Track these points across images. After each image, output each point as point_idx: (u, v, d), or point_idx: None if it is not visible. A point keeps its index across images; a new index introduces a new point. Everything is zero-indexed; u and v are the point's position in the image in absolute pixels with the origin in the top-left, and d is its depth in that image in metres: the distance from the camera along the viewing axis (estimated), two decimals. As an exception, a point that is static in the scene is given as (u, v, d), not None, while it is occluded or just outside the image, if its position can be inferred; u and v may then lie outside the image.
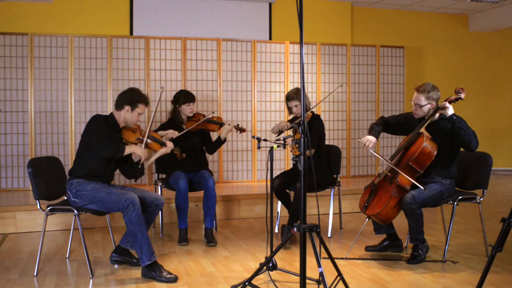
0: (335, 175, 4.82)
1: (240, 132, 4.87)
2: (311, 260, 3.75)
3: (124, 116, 3.78)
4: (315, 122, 4.56)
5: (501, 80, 8.96)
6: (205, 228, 4.50)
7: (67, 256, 4.07)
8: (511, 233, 2.65)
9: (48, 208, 3.68)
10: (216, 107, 6.61)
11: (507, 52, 8.92)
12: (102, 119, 3.73)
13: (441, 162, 3.83)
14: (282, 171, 5.17)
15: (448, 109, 3.71)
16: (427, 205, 3.80)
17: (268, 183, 3.60)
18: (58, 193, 3.85)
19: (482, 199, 4.00)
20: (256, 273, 3.19)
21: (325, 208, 5.55)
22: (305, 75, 6.75)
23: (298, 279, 3.20)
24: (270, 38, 7.18)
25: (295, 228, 2.76)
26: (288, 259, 3.97)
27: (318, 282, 3.18)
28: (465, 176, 4.10)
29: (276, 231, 4.88)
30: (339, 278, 2.94)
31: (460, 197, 3.92)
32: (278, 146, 3.54)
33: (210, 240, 4.40)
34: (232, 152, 6.70)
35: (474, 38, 8.75)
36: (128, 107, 3.76)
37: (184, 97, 4.71)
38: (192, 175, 4.70)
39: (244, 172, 6.75)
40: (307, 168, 2.72)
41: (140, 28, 6.66)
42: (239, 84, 6.74)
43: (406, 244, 4.25)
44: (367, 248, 4.18)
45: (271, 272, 3.46)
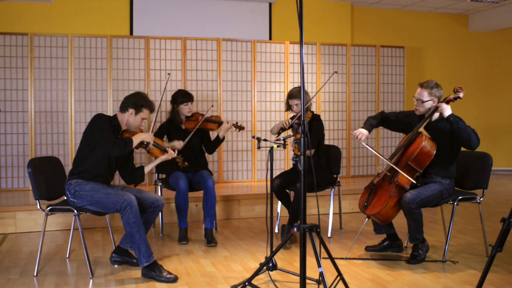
0: (335, 175, 4.82)
1: (239, 130, 4.87)
2: (311, 260, 3.75)
3: (127, 119, 3.77)
4: (315, 123, 4.56)
5: (501, 80, 8.97)
6: (205, 228, 4.50)
7: (67, 256, 4.07)
8: (511, 233, 2.66)
9: (48, 208, 3.68)
10: (216, 107, 6.61)
11: (507, 52, 8.92)
12: (105, 118, 3.73)
13: (440, 162, 3.83)
14: (282, 171, 5.17)
15: (446, 109, 3.71)
16: (426, 205, 3.80)
17: (268, 183, 3.60)
18: (58, 193, 3.84)
19: (482, 199, 4.00)
20: (256, 273, 3.19)
21: (325, 208, 5.55)
22: (305, 75, 6.75)
23: (298, 279, 3.20)
24: (270, 38, 7.18)
25: (295, 228, 2.76)
26: (288, 259, 3.97)
27: (318, 282, 3.18)
28: (465, 176, 4.10)
29: (276, 231, 4.88)
30: (339, 278, 2.94)
31: (460, 197, 3.92)
32: (278, 146, 3.54)
33: (210, 240, 4.40)
34: (232, 152, 6.70)
35: (474, 38, 8.75)
36: (133, 110, 3.75)
37: (181, 97, 4.70)
38: (191, 175, 4.70)
39: (244, 172, 6.75)
40: (307, 168, 2.72)
41: (140, 28, 6.66)
42: (239, 84, 6.74)
43: (406, 244, 4.25)
44: (367, 248, 4.18)
45: (271, 272, 3.46)
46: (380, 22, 8.08)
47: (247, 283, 3.14)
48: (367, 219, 4.00)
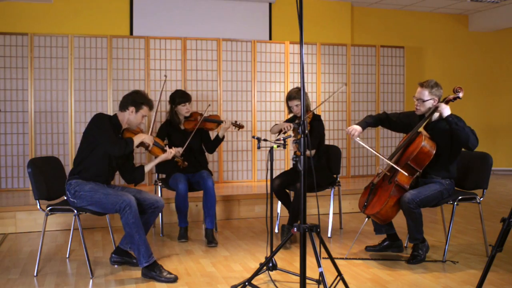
0: (335, 175, 4.82)
1: (238, 129, 4.86)
2: (311, 260, 3.75)
3: (128, 118, 3.77)
4: (316, 123, 4.56)
5: (500, 80, 8.97)
6: (205, 228, 4.50)
7: (67, 256, 4.07)
8: (511, 233, 2.66)
9: (48, 208, 3.68)
10: (216, 107, 6.61)
11: (507, 52, 8.92)
12: (106, 117, 3.73)
13: (440, 162, 3.83)
14: (282, 171, 5.17)
15: (445, 109, 3.71)
16: (426, 205, 3.80)
17: (268, 183, 3.60)
18: (58, 193, 3.84)
19: (482, 199, 4.00)
20: (256, 273, 3.19)
21: (325, 208, 5.55)
22: (305, 75, 6.74)
23: (298, 279, 3.20)
24: (270, 38, 7.18)
25: (295, 228, 2.76)
26: (288, 259, 3.97)
27: (318, 282, 3.18)
28: (465, 176, 4.10)
29: (276, 231, 4.88)
30: (339, 278, 2.94)
31: (460, 197, 3.92)
32: (278, 146, 3.54)
33: (210, 240, 4.40)
34: (232, 152, 6.70)
35: (474, 38, 8.75)
36: (133, 108, 3.75)
37: (179, 97, 4.68)
38: (191, 175, 4.69)
39: (244, 172, 6.75)
40: (307, 168, 2.72)
41: (140, 28, 6.66)
42: (239, 84, 6.74)
43: (406, 244, 4.24)
44: (367, 248, 4.18)
45: (271, 272, 3.46)
46: (380, 22, 8.08)
47: (247, 283, 3.14)
48: (367, 219, 4.00)
